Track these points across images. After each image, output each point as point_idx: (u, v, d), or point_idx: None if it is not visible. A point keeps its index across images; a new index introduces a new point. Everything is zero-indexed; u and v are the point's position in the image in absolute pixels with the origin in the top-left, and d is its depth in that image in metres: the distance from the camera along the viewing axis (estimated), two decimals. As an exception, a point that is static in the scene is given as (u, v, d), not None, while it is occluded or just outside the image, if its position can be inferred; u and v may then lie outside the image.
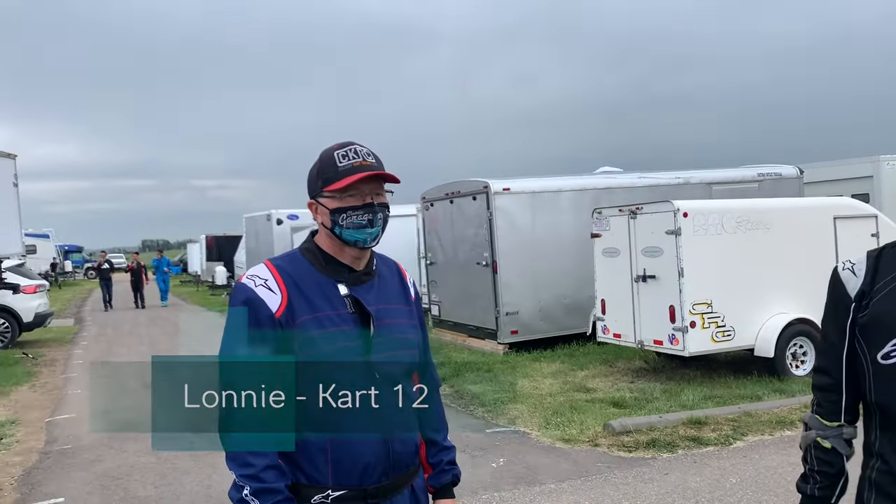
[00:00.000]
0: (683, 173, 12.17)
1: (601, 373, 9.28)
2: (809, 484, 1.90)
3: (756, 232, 8.27)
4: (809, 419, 1.93)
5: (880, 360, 1.77)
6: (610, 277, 9.15)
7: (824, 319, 1.95)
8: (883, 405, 1.77)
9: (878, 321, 1.78)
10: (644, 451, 6.06)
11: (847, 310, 1.85)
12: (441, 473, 2.22)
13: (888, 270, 1.82)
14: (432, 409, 2.25)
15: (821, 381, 1.93)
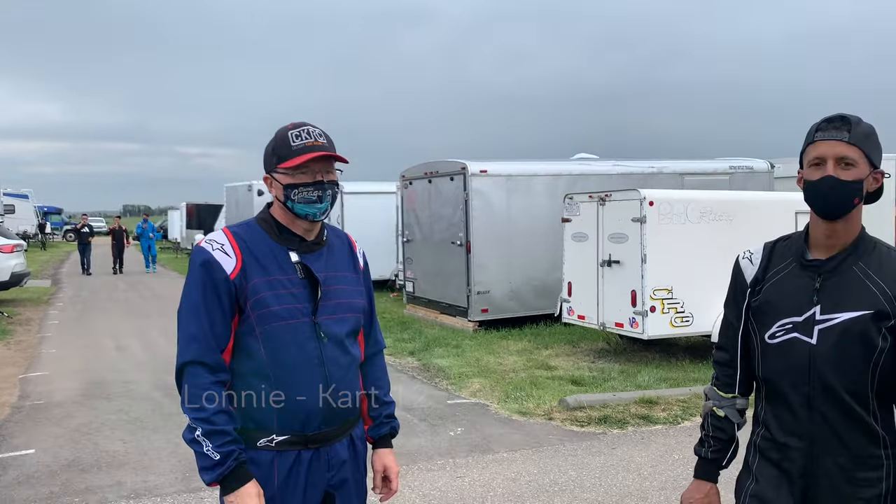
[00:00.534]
0: (657, 163, 12.44)
1: (564, 352, 9.59)
2: (704, 447, 2.17)
3: (719, 223, 8.56)
4: (708, 391, 2.20)
5: (767, 340, 2.03)
6: (577, 261, 9.43)
7: (726, 302, 2.21)
8: (768, 379, 2.04)
9: (767, 305, 2.04)
10: (595, 426, 6.37)
11: (744, 294, 2.12)
12: (380, 426, 2.46)
13: (779, 261, 2.08)
14: (375, 368, 2.49)
15: (720, 356, 2.19)
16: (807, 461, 1.93)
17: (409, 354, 9.54)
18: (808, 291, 1.95)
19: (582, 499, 4.77)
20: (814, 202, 1.93)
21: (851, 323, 1.88)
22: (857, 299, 1.89)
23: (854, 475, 1.89)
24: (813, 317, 1.92)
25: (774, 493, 1.99)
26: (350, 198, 16.06)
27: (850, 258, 1.93)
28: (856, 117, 1.94)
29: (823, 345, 1.90)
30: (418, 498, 4.81)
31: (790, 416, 1.96)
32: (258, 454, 2.16)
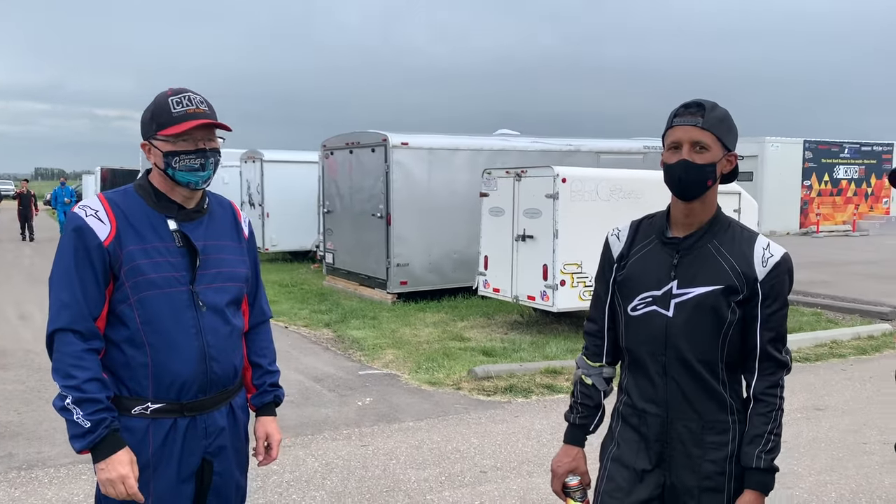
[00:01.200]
0: (575, 141, 12.70)
1: (479, 324, 9.78)
2: (573, 414, 2.29)
3: (627, 200, 8.84)
4: (578, 360, 2.31)
5: (630, 312, 2.15)
6: (494, 235, 9.59)
7: (596, 276, 2.33)
8: (630, 349, 2.17)
9: (630, 279, 2.16)
10: (501, 395, 6.56)
11: (611, 268, 2.24)
12: (263, 394, 2.49)
13: (643, 238, 2.21)
14: (259, 337, 2.52)
15: (589, 327, 2.31)
16: (662, 426, 2.07)
17: (325, 326, 9.55)
18: (667, 267, 2.08)
19: (482, 465, 4.94)
20: (671, 184, 2.05)
21: (704, 297, 2.01)
22: (710, 275, 2.03)
23: (703, 439, 2.04)
24: (670, 291, 2.06)
25: (633, 456, 2.13)
26: (271, 166, 15.79)
27: (706, 236, 2.06)
28: (711, 103, 2.07)
29: (678, 317, 2.04)
30: (321, 466, 4.87)
31: (648, 383, 2.10)
32: (132, 422, 2.17)
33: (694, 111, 2.01)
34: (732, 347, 2.04)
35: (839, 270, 15.82)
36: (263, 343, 2.52)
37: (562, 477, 2.23)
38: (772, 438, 2.01)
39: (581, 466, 2.24)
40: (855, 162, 26.32)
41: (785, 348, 2.06)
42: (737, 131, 2.11)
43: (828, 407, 6.35)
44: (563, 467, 2.24)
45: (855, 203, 26.43)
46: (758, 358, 2.03)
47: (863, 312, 10.67)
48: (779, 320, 2.02)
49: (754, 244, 2.05)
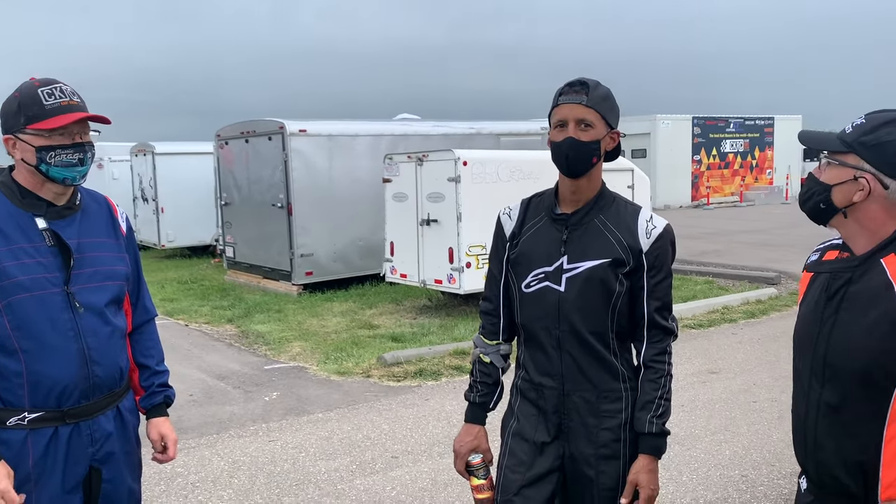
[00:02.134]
0: (475, 124, 12.79)
1: (388, 311, 9.75)
2: (473, 392, 2.30)
3: (528, 181, 8.98)
4: (476, 339, 2.33)
5: (524, 289, 2.17)
6: (399, 221, 9.56)
7: (490, 255, 2.34)
8: (525, 325, 2.19)
9: (523, 256, 2.18)
10: (411, 380, 6.56)
11: (504, 247, 2.25)
12: (152, 395, 2.38)
13: (533, 216, 2.23)
14: (145, 337, 2.41)
15: (485, 306, 2.32)
16: (559, 398, 2.11)
17: (228, 322, 9.28)
18: (557, 243, 2.11)
19: (392, 450, 4.93)
20: (558, 162, 2.08)
21: (593, 270, 2.06)
22: (598, 249, 2.07)
23: (599, 408, 2.10)
24: (561, 266, 2.09)
25: (533, 430, 2.17)
26: (164, 159, 15.15)
27: (592, 211, 2.11)
28: (594, 81, 2.11)
29: (570, 291, 2.08)
30: (227, 465, 4.74)
31: (544, 357, 2.13)
32: (8, 434, 2.03)
33: (578, 89, 2.04)
34: (622, 318, 2.10)
35: (729, 240, 16.69)
36: (149, 343, 2.41)
37: (465, 456, 2.24)
38: (662, 403, 2.08)
39: (483, 444, 2.26)
40: (740, 136, 27.75)
41: (671, 316, 2.13)
42: (618, 110, 2.16)
43: (721, 370, 6.69)
44: (466, 446, 2.24)
45: (741, 175, 27.89)
46: (646, 326, 2.10)
47: (751, 278, 11.30)
48: (664, 289, 2.09)
49: (638, 217, 2.11)
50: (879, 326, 1.55)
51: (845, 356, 1.62)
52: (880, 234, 1.61)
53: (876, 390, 1.56)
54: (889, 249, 1.59)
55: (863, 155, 1.61)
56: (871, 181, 1.59)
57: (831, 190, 1.64)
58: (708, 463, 4.57)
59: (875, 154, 1.59)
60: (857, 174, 1.61)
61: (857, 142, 1.61)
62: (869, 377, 1.57)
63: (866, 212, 1.62)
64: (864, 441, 1.59)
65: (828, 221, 1.68)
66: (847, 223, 1.65)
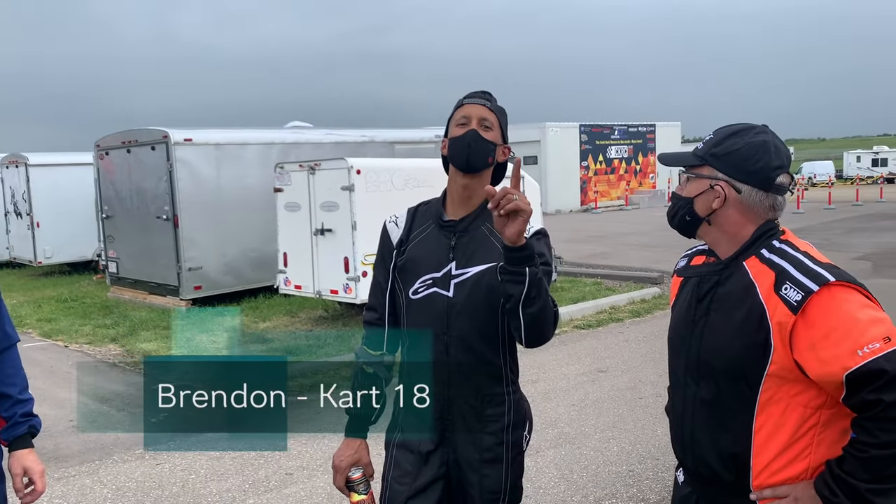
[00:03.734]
0: (369, 132, 12.75)
1: (283, 323, 9.55)
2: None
3: (422, 189, 9.00)
4: (358, 350, 2.30)
5: (411, 296, 2.18)
6: (292, 231, 9.39)
7: (375, 264, 2.33)
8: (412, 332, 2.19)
9: (411, 263, 2.19)
10: (309, 393, 6.44)
11: (391, 255, 2.26)
12: (14, 426, 2.24)
13: (420, 223, 2.25)
14: (5, 365, 2.26)
15: (369, 316, 2.31)
16: (443, 405, 2.13)
17: (111, 341, 8.82)
18: (445, 249, 2.14)
19: (287, 467, 4.83)
20: (457, 154, 2.10)
21: (480, 275, 2.09)
22: (484, 254, 2.10)
23: (483, 412, 2.12)
24: (449, 272, 2.12)
25: (417, 438, 2.17)
26: (38, 171, 14.26)
27: (479, 219, 2.14)
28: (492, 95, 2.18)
29: (458, 296, 2.10)
30: (111, 492, 4.50)
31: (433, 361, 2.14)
32: None
33: (483, 95, 2.14)
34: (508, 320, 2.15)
35: (615, 242, 17.39)
36: (10, 370, 2.27)
37: (345, 471, 2.21)
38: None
39: (364, 458, 2.23)
40: (624, 142, 29.00)
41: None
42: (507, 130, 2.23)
43: (609, 368, 6.95)
44: (346, 461, 2.21)
45: (626, 180, 29.15)
46: None
47: (636, 279, 11.81)
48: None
49: None
50: (745, 325, 1.66)
51: (716, 354, 1.72)
52: (740, 238, 1.73)
53: (744, 385, 1.68)
54: (749, 252, 1.72)
55: (715, 165, 1.73)
56: (726, 187, 1.72)
57: (693, 201, 1.75)
58: (597, 460, 4.74)
59: (724, 163, 1.72)
60: (713, 183, 1.72)
61: (709, 154, 1.74)
62: (738, 373, 1.68)
63: (726, 217, 1.73)
64: (737, 433, 1.70)
65: (695, 232, 1.78)
66: (710, 230, 1.77)
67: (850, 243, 15.31)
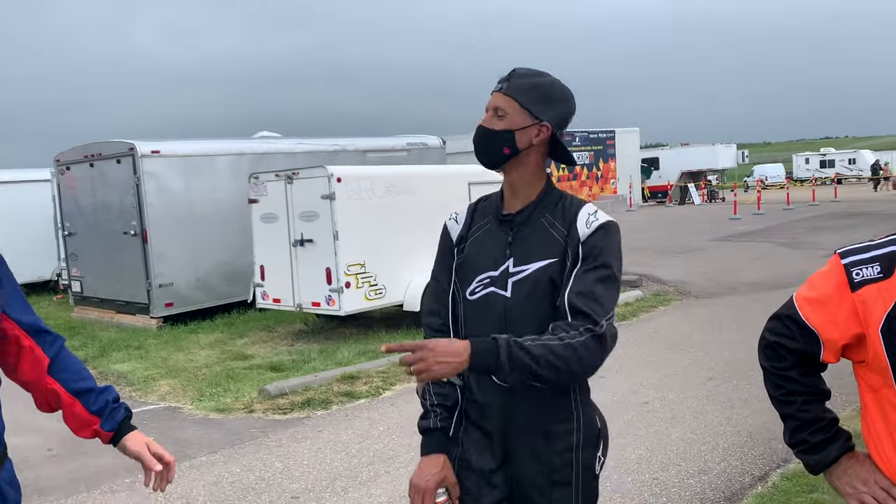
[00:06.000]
0: (340, 140, 12.50)
1: (261, 339, 9.22)
2: (431, 418, 1.99)
3: (403, 196, 8.83)
4: None
5: (468, 297, 1.97)
6: (268, 243, 9.08)
7: (435, 266, 2.10)
8: (469, 336, 1.96)
9: (468, 262, 1.99)
10: (300, 411, 6.17)
11: (451, 254, 2.05)
12: (113, 413, 2.04)
13: (480, 219, 2.05)
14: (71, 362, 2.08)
15: (432, 321, 2.07)
16: (504, 419, 1.92)
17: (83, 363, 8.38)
18: (502, 245, 1.95)
19: (291, 490, 4.55)
20: (476, 153, 1.97)
21: (540, 272, 1.88)
22: (544, 249, 1.90)
23: (548, 429, 1.90)
24: (507, 270, 1.92)
25: (478, 456, 1.96)
26: (-9, 189, 13.63)
27: (538, 210, 1.94)
28: (527, 70, 1.93)
29: (517, 296, 1.90)
30: (104, 527, 4.17)
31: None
32: None
33: (504, 78, 1.94)
34: None
35: (587, 247, 17.37)
36: (76, 366, 2.09)
37: (433, 493, 1.98)
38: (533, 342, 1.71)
39: (450, 477, 1.98)
40: (585, 148, 29.17)
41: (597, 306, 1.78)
42: (560, 101, 1.93)
43: (606, 373, 6.80)
44: (433, 480, 1.95)
45: (589, 185, 29.31)
46: (567, 314, 1.80)
47: (615, 283, 11.74)
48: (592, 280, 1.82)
49: (581, 209, 1.94)
50: None
51: None
52: None
53: None
54: None
55: None
56: None
57: None
58: (618, 470, 4.57)
59: None
60: None
61: None
62: None
63: None
64: None
65: None
66: None
67: (816, 241, 15.55)
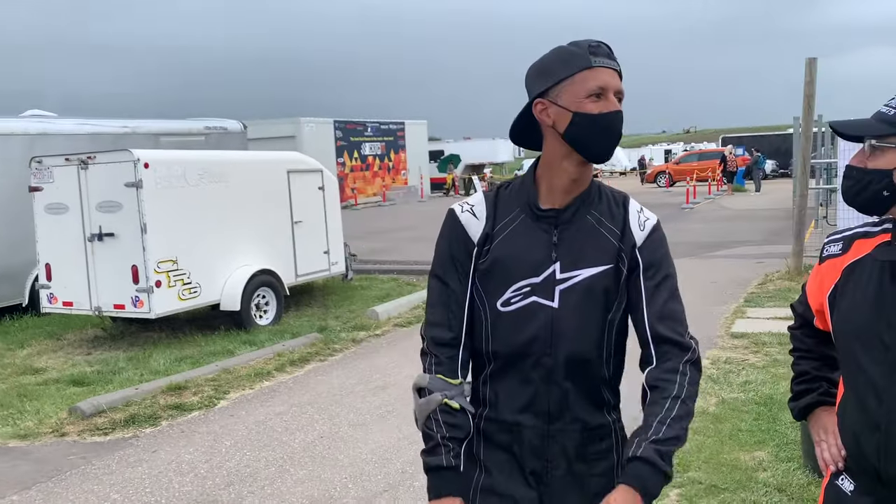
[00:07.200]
0: (130, 122, 11.21)
1: (48, 348, 7.99)
2: (444, 454, 1.68)
3: (217, 185, 8.10)
4: (431, 381, 1.72)
5: (500, 308, 1.69)
6: (56, 238, 7.87)
7: (440, 267, 1.76)
8: (499, 353, 1.72)
9: (498, 266, 1.69)
10: (123, 430, 5.38)
11: (469, 255, 1.72)
12: None
13: (504, 213, 1.74)
14: None
15: (438, 335, 1.75)
16: (542, 440, 1.70)
17: None
18: (545, 246, 1.68)
19: (141, 525, 3.92)
20: (596, 139, 1.62)
21: (593, 279, 1.68)
22: (596, 252, 1.70)
23: (587, 449, 1.72)
24: (553, 276, 1.68)
25: (507, 482, 1.73)
26: None
27: (584, 206, 1.71)
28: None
29: (565, 307, 1.67)
30: None
31: (525, 390, 1.70)
32: None
33: (609, 52, 1.64)
34: (619, 336, 1.76)
35: (388, 237, 17.43)
36: None
37: None
38: (663, 428, 1.59)
39: None
40: (377, 139, 29.23)
41: (683, 327, 1.72)
42: None
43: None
44: None
45: (381, 176, 29.43)
46: (651, 343, 1.70)
47: (430, 273, 11.81)
48: (667, 293, 1.72)
49: (629, 207, 1.76)
50: None
51: None
52: None
53: None
54: None
55: None
56: None
57: (893, 174, 1.55)
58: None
59: None
60: None
61: None
62: None
63: None
64: None
65: (888, 208, 1.59)
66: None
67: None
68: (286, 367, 6.82)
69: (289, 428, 5.31)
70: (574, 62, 1.62)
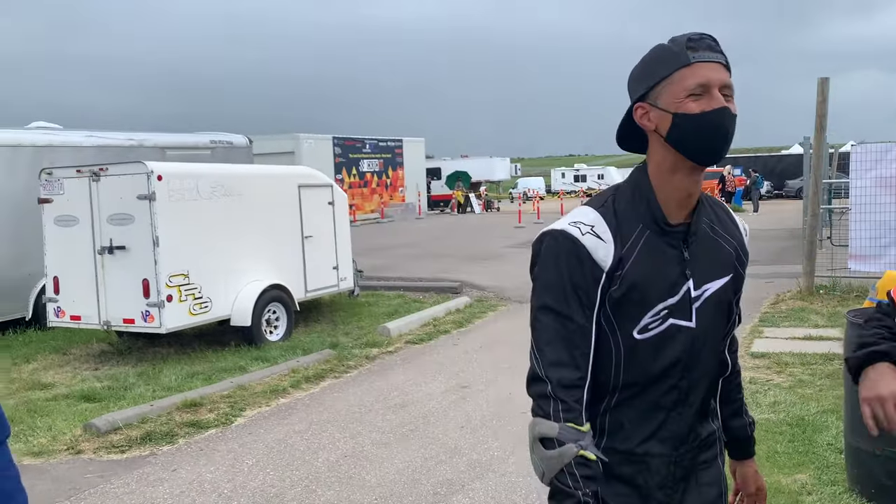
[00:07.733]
0: (136, 135, 11.13)
1: (54, 363, 7.83)
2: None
3: (230, 198, 8.01)
4: (561, 432, 1.49)
5: (636, 336, 1.55)
6: (65, 250, 7.74)
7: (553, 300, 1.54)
8: (633, 383, 1.59)
9: (634, 291, 1.54)
10: (140, 447, 5.24)
11: (597, 283, 1.54)
12: None
13: (626, 230, 1.56)
14: None
15: (564, 376, 1.52)
16: (670, 468, 1.60)
17: None
18: (676, 263, 1.57)
19: (169, 548, 3.78)
20: (704, 142, 1.49)
21: (721, 293, 1.62)
22: (720, 264, 1.63)
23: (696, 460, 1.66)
24: (688, 294, 1.57)
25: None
26: None
27: (699, 216, 1.61)
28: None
29: (702, 325, 1.58)
30: None
31: (655, 418, 1.59)
32: None
33: (713, 45, 1.50)
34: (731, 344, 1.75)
35: (389, 254, 17.30)
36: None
37: None
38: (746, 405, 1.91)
39: None
40: (375, 156, 29.20)
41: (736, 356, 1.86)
42: None
43: (469, 383, 6.66)
44: None
45: (379, 193, 29.37)
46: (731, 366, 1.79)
47: (437, 289, 11.72)
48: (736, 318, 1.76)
49: (730, 210, 1.75)
50: None
51: None
52: None
53: None
54: None
55: None
56: None
57: None
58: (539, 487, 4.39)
59: None
60: None
61: None
62: None
63: None
64: None
65: None
66: None
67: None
68: (301, 384, 6.70)
69: (311, 447, 5.19)
70: (672, 61, 1.50)
